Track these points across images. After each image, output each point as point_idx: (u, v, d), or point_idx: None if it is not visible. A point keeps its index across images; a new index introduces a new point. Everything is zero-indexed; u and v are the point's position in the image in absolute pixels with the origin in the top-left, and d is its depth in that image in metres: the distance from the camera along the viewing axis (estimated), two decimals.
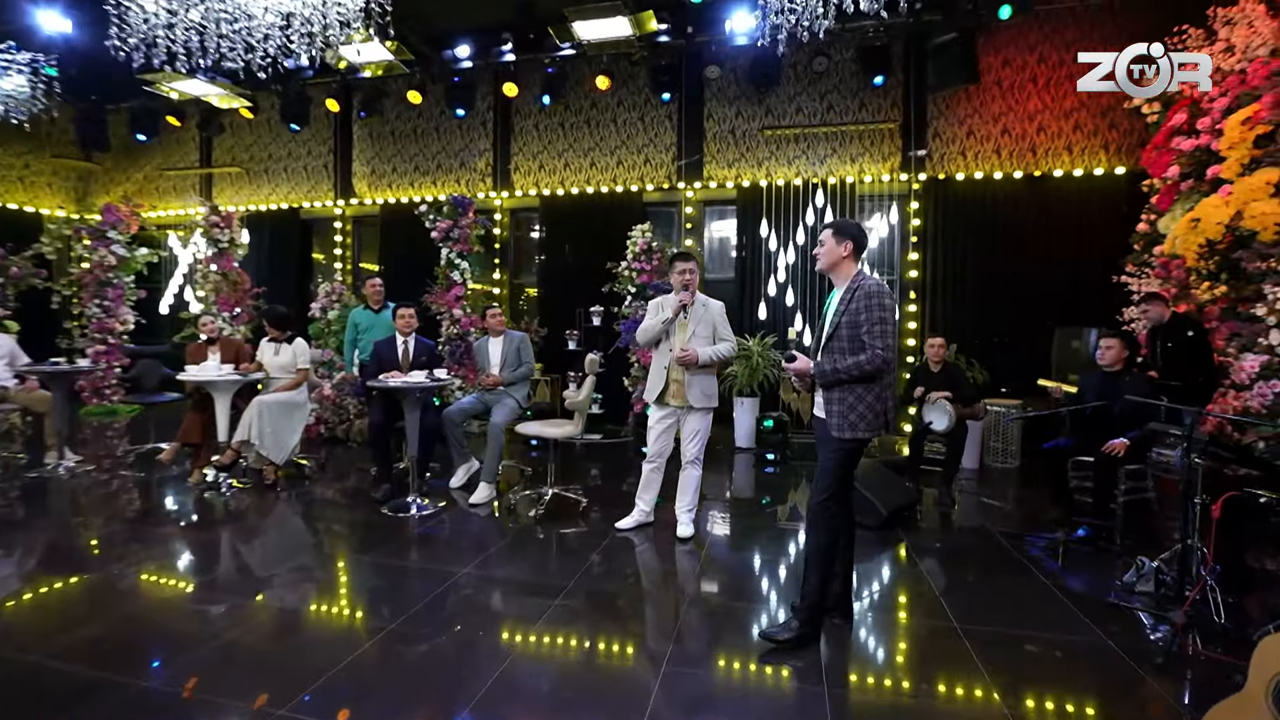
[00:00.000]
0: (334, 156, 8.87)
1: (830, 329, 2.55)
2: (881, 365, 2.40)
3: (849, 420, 2.46)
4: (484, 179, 8.27)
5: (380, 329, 5.34)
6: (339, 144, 8.83)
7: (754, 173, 7.41)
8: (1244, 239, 5.00)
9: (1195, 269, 5.41)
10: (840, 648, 2.54)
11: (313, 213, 8.98)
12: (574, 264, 7.77)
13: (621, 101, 7.79)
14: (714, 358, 3.56)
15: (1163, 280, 5.83)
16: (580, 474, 5.32)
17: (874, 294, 2.45)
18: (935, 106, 6.95)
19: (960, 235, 6.81)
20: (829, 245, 2.61)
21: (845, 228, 2.62)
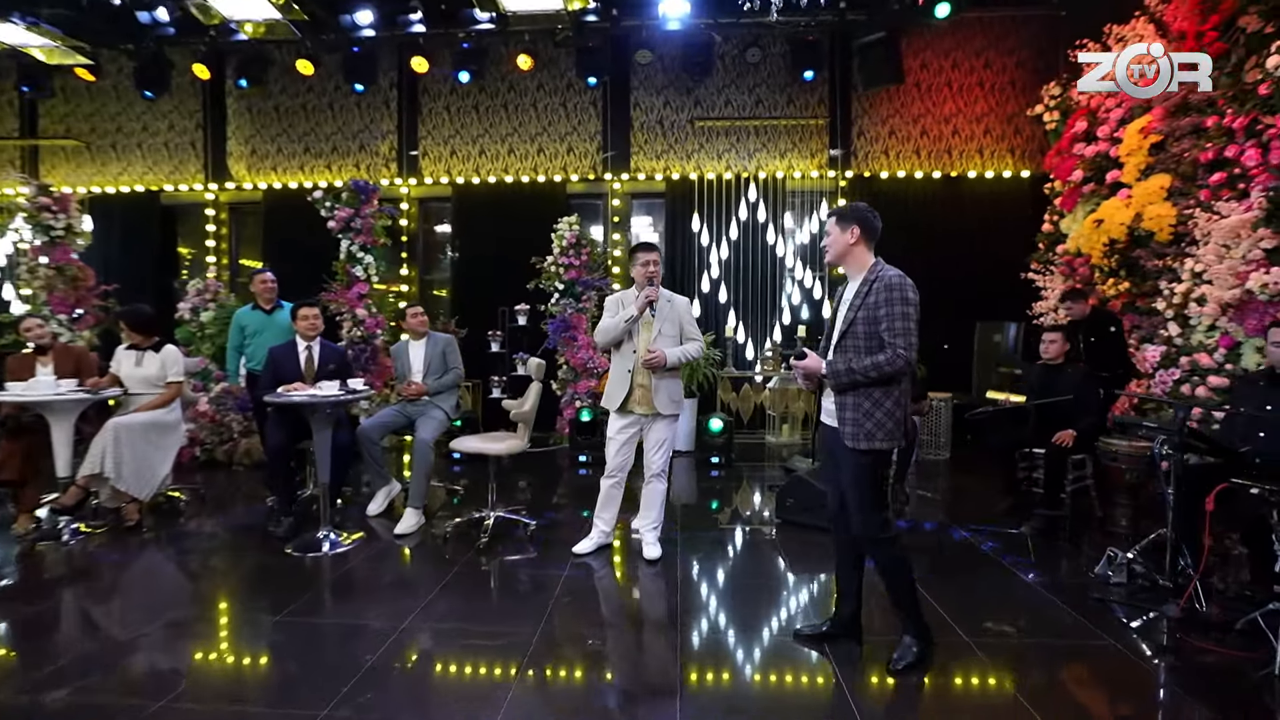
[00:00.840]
0: (204, 133, 7.65)
1: (845, 324, 2.27)
2: (904, 367, 2.15)
3: (864, 429, 2.19)
4: (388, 164, 7.45)
5: (274, 333, 4.54)
6: (210, 118, 7.62)
7: (683, 165, 7.17)
8: (1142, 239, 5.38)
9: (1099, 266, 5.78)
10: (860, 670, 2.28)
11: (177, 197, 7.70)
12: (493, 259, 7.17)
13: (542, 85, 7.27)
14: (683, 359, 3.22)
15: (1067, 277, 6.21)
16: (512, 490, 4.81)
17: (895, 285, 2.19)
18: (859, 105, 7.04)
19: (885, 232, 6.90)
20: (834, 235, 2.35)
21: (849, 213, 2.35)
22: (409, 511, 3.78)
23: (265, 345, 4.26)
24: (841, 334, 2.28)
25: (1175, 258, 5.03)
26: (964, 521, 4.00)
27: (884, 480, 2.34)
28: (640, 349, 3.23)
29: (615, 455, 3.34)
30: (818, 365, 2.29)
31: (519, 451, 3.63)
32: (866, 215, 2.34)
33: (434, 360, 4.29)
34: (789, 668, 2.36)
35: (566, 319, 6.32)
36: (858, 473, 2.23)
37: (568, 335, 6.33)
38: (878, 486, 2.29)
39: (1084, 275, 5.93)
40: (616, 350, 3.33)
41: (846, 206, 2.39)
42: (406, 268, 7.44)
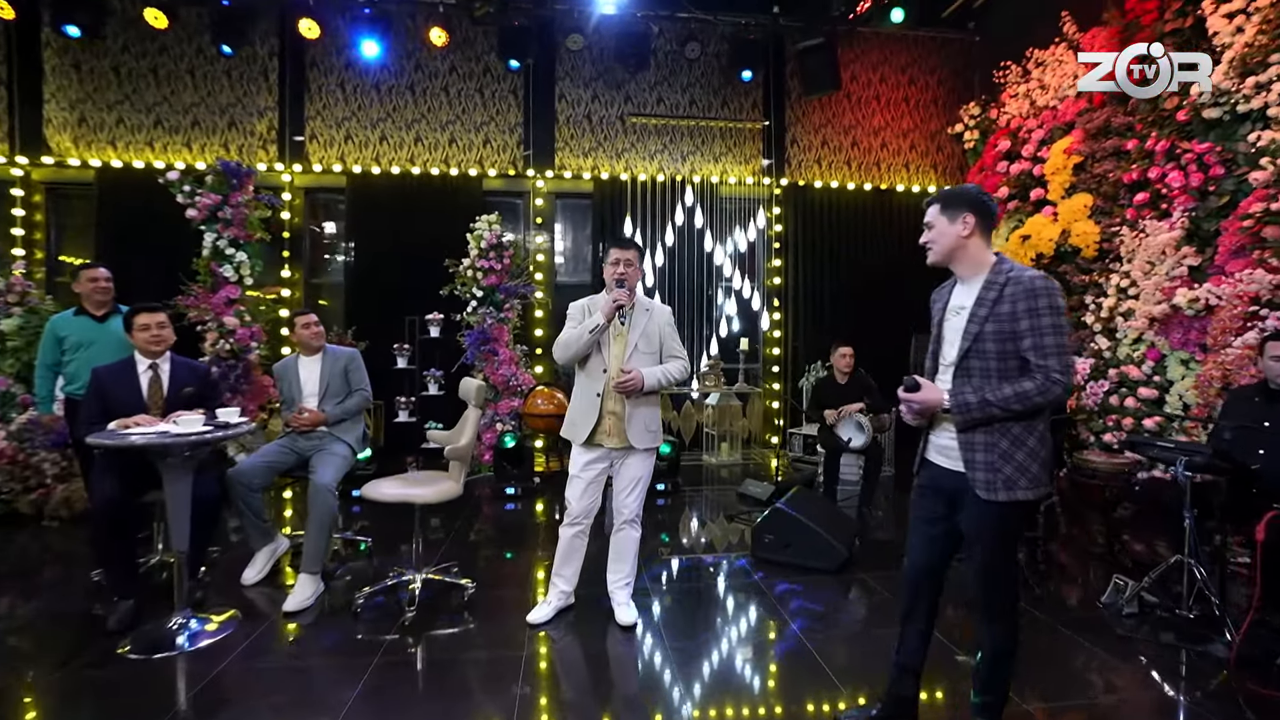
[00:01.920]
0: (8, 91, 6.08)
1: (967, 341, 1.77)
2: (1060, 396, 1.70)
3: (1003, 475, 1.72)
4: (265, 147, 6.29)
5: (106, 346, 3.45)
6: (17, 73, 6.07)
7: (612, 164, 6.64)
8: (1067, 254, 5.56)
9: None
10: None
11: None
12: (397, 261, 6.24)
13: (456, 68, 6.47)
14: (663, 382, 2.66)
15: None
16: (429, 535, 3.99)
17: (1041, 290, 1.70)
18: (793, 112, 6.88)
19: (819, 242, 6.80)
20: (940, 226, 1.85)
21: (958, 198, 1.83)
22: (303, 579, 2.91)
23: (95, 362, 3.20)
24: (963, 353, 1.78)
25: (1101, 273, 5.20)
26: None
27: (1017, 536, 1.89)
28: (612, 368, 2.63)
29: (580, 498, 2.70)
30: (937, 398, 1.78)
31: (454, 497, 2.88)
32: (982, 200, 1.83)
33: (333, 381, 3.43)
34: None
35: (486, 330, 5.56)
36: (992, 530, 1.77)
37: (487, 349, 5.57)
38: (1014, 547, 1.84)
39: None
40: (581, 369, 2.71)
41: (953, 190, 1.88)
42: (289, 269, 6.30)
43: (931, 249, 1.89)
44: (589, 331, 2.57)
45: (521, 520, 4.43)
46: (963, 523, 1.84)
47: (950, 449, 1.82)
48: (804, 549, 3.37)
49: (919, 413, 1.85)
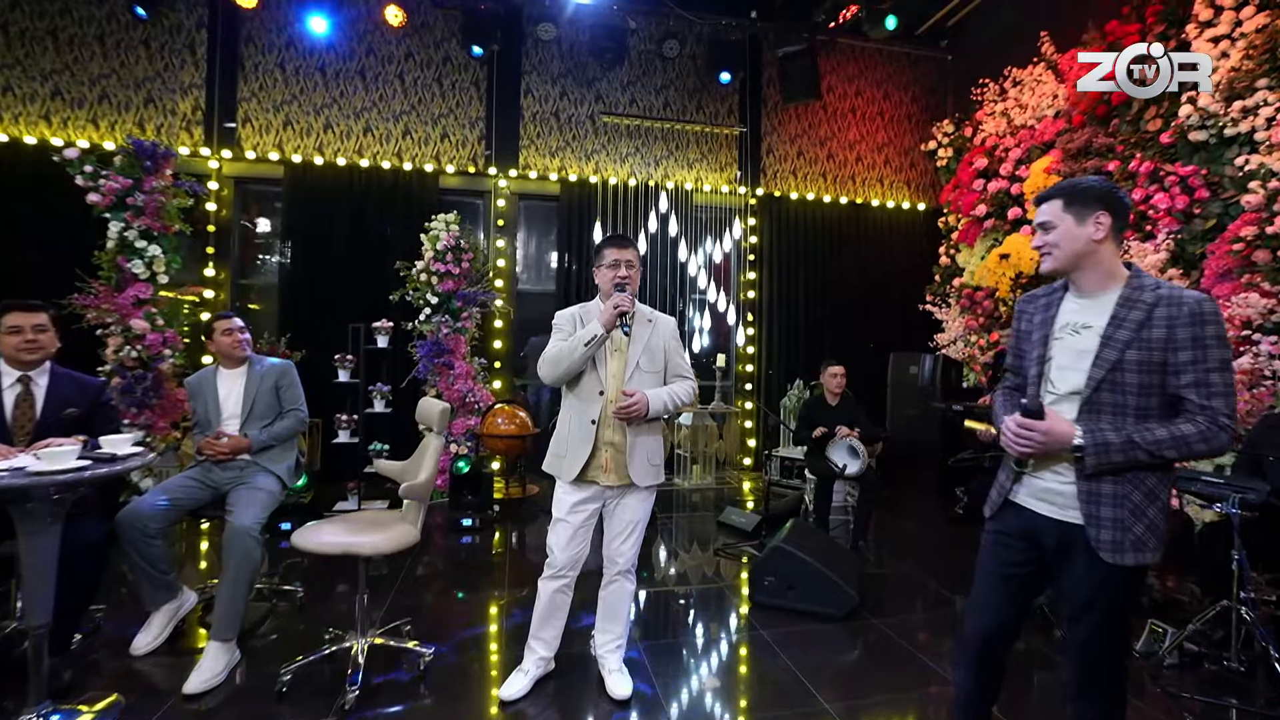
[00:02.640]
0: None
1: (1099, 370, 1.46)
2: (1226, 445, 1.37)
3: (1132, 535, 1.41)
4: (189, 128, 5.57)
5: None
6: None
7: (581, 166, 6.23)
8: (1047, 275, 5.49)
9: (1005, 300, 5.83)
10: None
11: None
12: (342, 262, 5.62)
13: (414, 54, 5.93)
14: (670, 406, 2.25)
15: (965, 310, 6.25)
16: (374, 574, 3.42)
17: (1209, 316, 1.39)
18: (769, 121, 6.66)
19: (795, 256, 6.57)
20: (1064, 227, 1.51)
21: (1089, 192, 1.51)
22: (213, 648, 2.32)
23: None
24: (1097, 383, 1.46)
25: None
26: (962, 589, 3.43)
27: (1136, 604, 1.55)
28: (610, 389, 2.20)
29: (566, 546, 2.24)
30: (1068, 433, 1.44)
31: (410, 545, 2.36)
32: (1117, 197, 1.51)
33: (260, 399, 2.85)
34: None
35: (440, 341, 5.02)
36: (1111, 597, 1.45)
37: (442, 361, 5.03)
38: (1129, 617, 1.52)
39: (987, 309, 5.97)
40: (571, 391, 2.26)
41: (1081, 183, 1.54)
42: (214, 267, 5.57)
43: (1051, 254, 1.55)
44: (584, 344, 2.13)
45: (482, 558, 3.91)
46: (1066, 587, 1.51)
47: (1059, 495, 1.50)
48: (810, 592, 3.01)
49: (1036, 446, 1.48)
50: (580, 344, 2.14)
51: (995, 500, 1.67)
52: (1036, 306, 1.66)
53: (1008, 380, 1.77)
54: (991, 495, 1.69)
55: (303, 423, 2.96)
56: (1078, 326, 1.52)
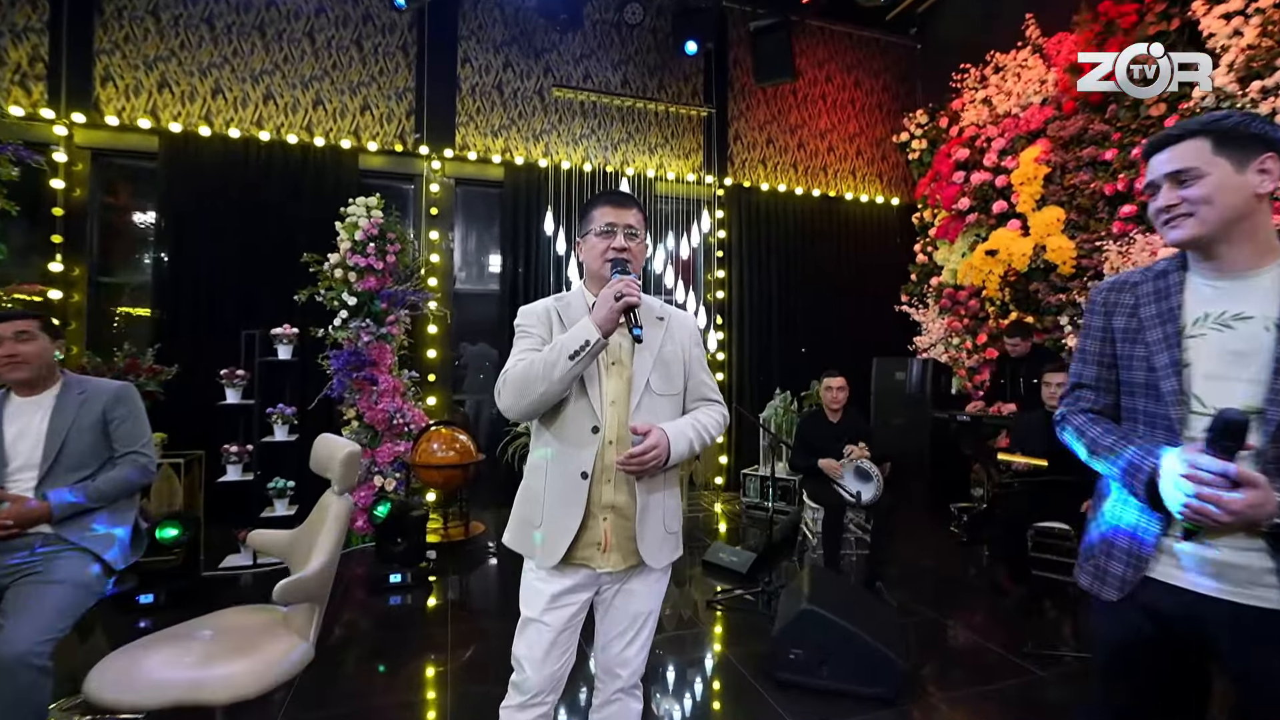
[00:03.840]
0: None
1: None
2: None
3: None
4: (24, 83, 4.41)
5: None
6: None
7: (528, 147, 5.43)
8: (1038, 271, 5.12)
9: (991, 299, 5.43)
10: None
11: None
12: (235, 255, 4.59)
13: (325, 9, 4.98)
14: (698, 446, 1.50)
15: (944, 311, 5.84)
16: None
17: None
18: (736, 105, 6.06)
19: (766, 252, 5.99)
20: (1218, 175, 1.11)
21: (1244, 128, 1.11)
22: None
23: None
24: None
25: (1080, 291, 4.77)
26: (1019, 643, 2.80)
27: None
28: (609, 424, 1.45)
29: (544, 660, 1.45)
30: (1269, 501, 0.99)
31: (295, 674, 1.52)
32: None
33: (76, 438, 1.93)
34: None
35: (361, 350, 4.10)
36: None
37: (363, 376, 4.11)
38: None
39: (972, 309, 5.57)
40: (549, 426, 1.48)
41: (1233, 117, 1.13)
42: (61, 261, 4.42)
43: (1195, 217, 1.13)
44: (570, 356, 1.35)
45: (415, 632, 3.03)
46: (1256, 684, 1.09)
47: (1238, 571, 1.09)
48: (849, 667, 2.34)
49: (1246, 513, 1.00)
50: (564, 356, 1.36)
51: (1124, 576, 1.20)
52: (1140, 295, 1.24)
53: (1083, 400, 1.30)
54: (1111, 567, 1.23)
55: (146, 472, 2.04)
56: (1227, 318, 1.13)
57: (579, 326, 1.37)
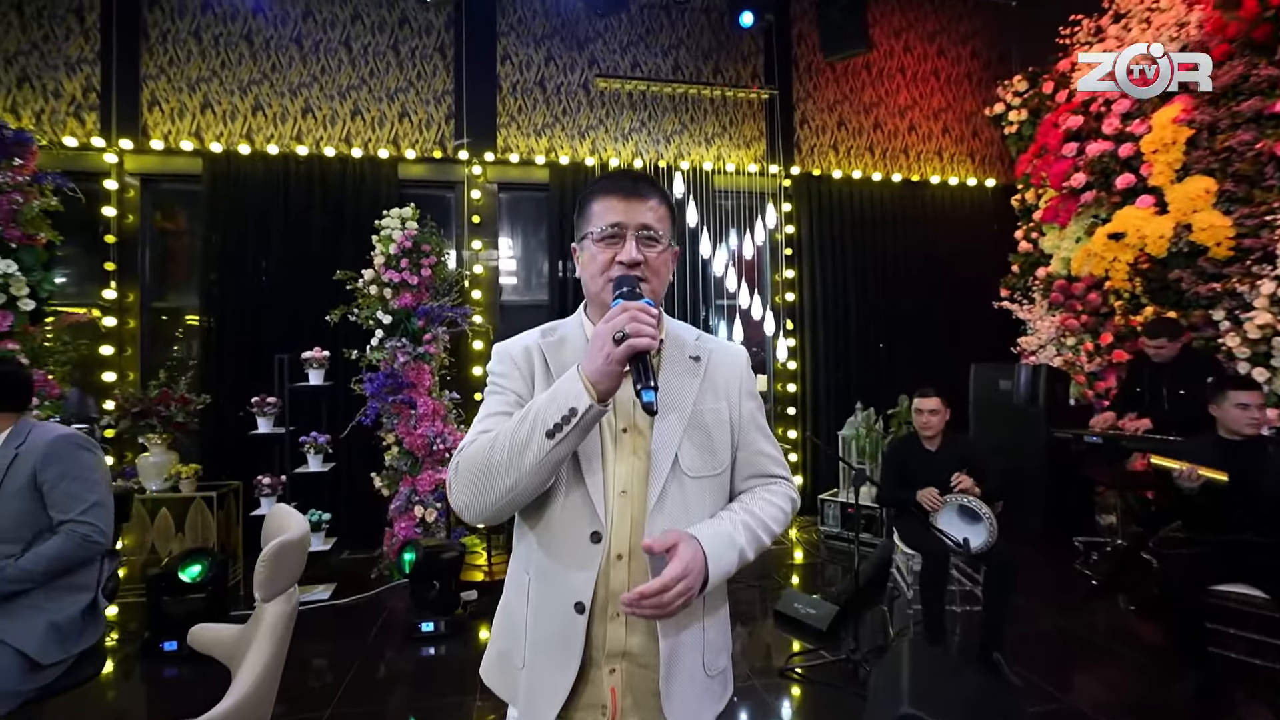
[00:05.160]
0: None
1: None
2: None
3: None
4: (79, 114, 4.44)
5: None
6: None
7: (574, 146, 5.05)
8: (1178, 257, 4.24)
9: (1119, 291, 4.57)
10: None
11: None
12: (272, 277, 4.45)
13: (361, 15, 4.79)
14: (751, 552, 1.01)
15: (1056, 307, 4.99)
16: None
17: None
18: (803, 85, 5.44)
19: (841, 248, 5.34)
20: None
21: None
22: None
23: None
24: None
25: (1242, 279, 3.87)
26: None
27: None
28: (616, 526, 0.97)
29: None
30: None
31: None
32: None
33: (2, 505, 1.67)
34: None
35: (397, 372, 3.83)
36: None
37: (400, 399, 3.84)
38: None
39: (1092, 304, 4.71)
40: (532, 523, 1.03)
41: None
42: (115, 288, 4.41)
43: None
44: (549, 432, 0.88)
45: (444, 690, 2.68)
46: None
47: None
48: None
49: None
50: (538, 432, 0.89)
51: None
52: None
53: None
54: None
55: (87, 544, 1.72)
56: None
57: (562, 384, 0.90)
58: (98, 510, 1.73)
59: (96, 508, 1.73)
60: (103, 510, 1.75)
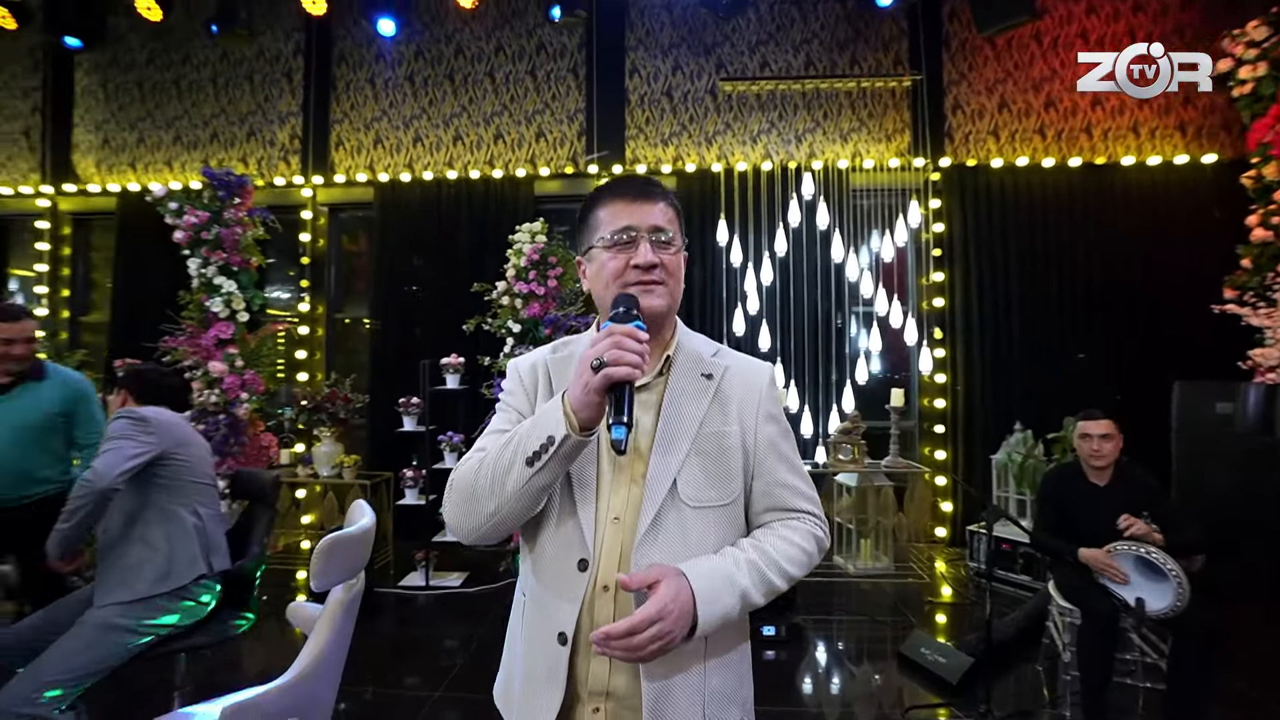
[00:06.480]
0: (42, 118, 5.58)
1: None
2: None
3: None
4: (286, 158, 5.32)
5: None
6: (52, 97, 5.56)
7: (700, 153, 5.00)
8: None
9: None
10: None
11: (5, 205, 5.58)
12: (426, 289, 4.96)
13: (503, 47, 5.19)
14: (758, 595, 0.88)
15: None
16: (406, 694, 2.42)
17: None
18: (955, 66, 4.89)
19: (999, 246, 4.69)
20: None
21: None
22: None
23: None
24: None
25: None
26: None
27: None
28: (604, 556, 0.91)
29: None
30: None
31: None
32: None
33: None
34: None
35: None
36: None
37: None
38: None
39: None
40: (529, 545, 0.99)
41: None
42: (309, 301, 5.22)
43: None
44: (529, 459, 0.85)
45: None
46: None
47: None
48: None
49: None
50: (519, 459, 0.86)
51: None
52: None
53: None
54: None
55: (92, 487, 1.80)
56: None
57: (545, 411, 0.87)
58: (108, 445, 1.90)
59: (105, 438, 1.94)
60: None
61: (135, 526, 1.87)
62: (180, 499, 1.94)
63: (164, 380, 2.24)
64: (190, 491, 1.98)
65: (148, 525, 1.87)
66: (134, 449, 1.86)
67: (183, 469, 1.97)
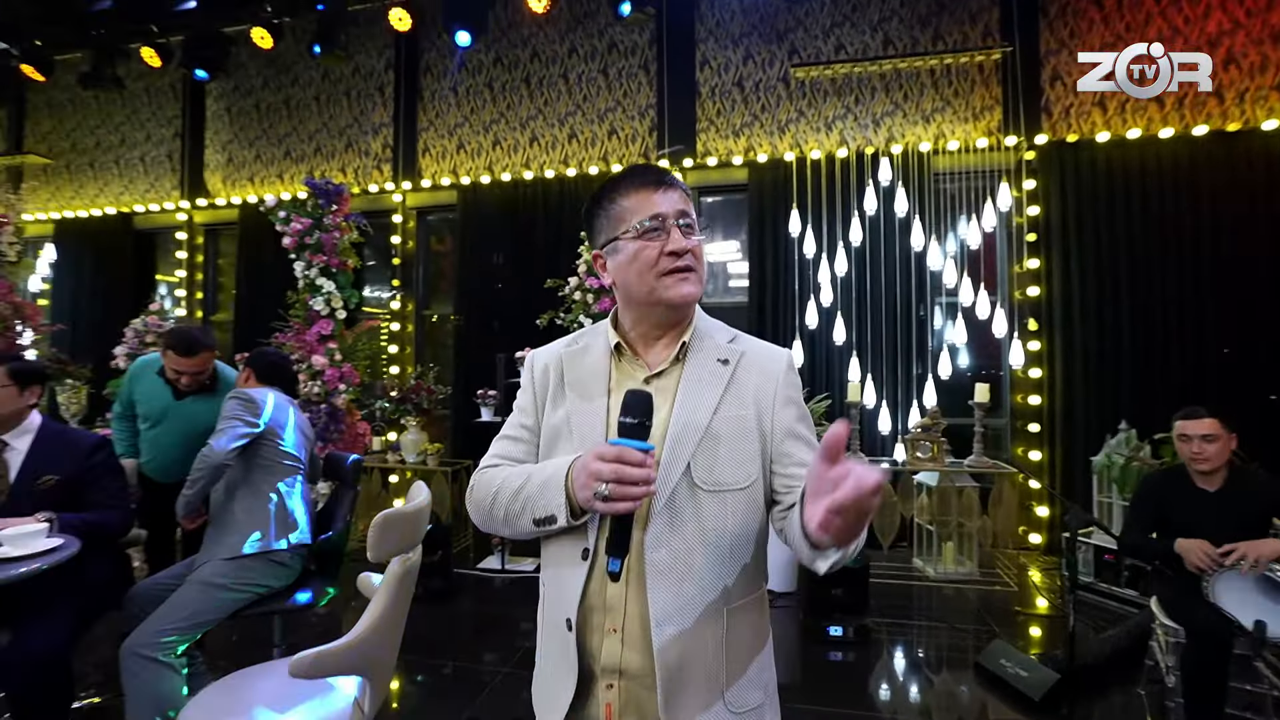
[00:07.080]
0: (181, 142, 6.31)
1: None
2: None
3: None
4: (379, 166, 5.71)
5: (172, 428, 2.64)
6: (189, 124, 6.28)
7: (773, 143, 4.90)
8: None
9: None
10: None
11: (151, 220, 6.36)
12: (504, 286, 5.18)
13: (576, 48, 5.31)
14: None
15: None
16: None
17: None
18: (1053, 34, 4.50)
19: (1104, 229, 4.28)
20: None
21: None
22: None
23: (160, 443, 2.62)
24: None
25: None
26: None
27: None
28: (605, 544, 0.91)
29: None
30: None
31: None
32: None
33: None
34: None
35: None
36: None
37: None
38: None
39: None
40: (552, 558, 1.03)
41: None
42: (399, 299, 5.60)
43: None
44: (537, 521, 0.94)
45: None
46: None
47: None
48: None
49: None
50: (528, 514, 0.94)
51: None
52: None
53: None
54: None
55: (206, 460, 2.09)
56: None
57: (553, 481, 0.91)
58: None
59: None
60: None
61: (233, 495, 2.13)
62: (270, 476, 2.17)
63: (282, 363, 2.51)
64: (280, 471, 2.21)
65: (241, 495, 2.13)
66: (243, 429, 2.10)
67: (276, 449, 2.20)
